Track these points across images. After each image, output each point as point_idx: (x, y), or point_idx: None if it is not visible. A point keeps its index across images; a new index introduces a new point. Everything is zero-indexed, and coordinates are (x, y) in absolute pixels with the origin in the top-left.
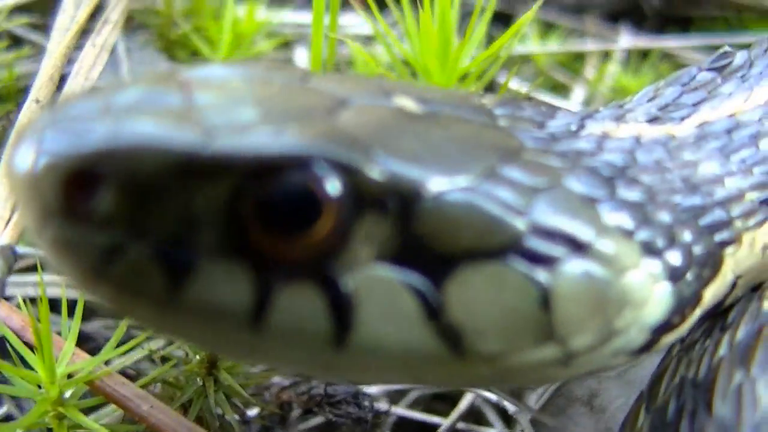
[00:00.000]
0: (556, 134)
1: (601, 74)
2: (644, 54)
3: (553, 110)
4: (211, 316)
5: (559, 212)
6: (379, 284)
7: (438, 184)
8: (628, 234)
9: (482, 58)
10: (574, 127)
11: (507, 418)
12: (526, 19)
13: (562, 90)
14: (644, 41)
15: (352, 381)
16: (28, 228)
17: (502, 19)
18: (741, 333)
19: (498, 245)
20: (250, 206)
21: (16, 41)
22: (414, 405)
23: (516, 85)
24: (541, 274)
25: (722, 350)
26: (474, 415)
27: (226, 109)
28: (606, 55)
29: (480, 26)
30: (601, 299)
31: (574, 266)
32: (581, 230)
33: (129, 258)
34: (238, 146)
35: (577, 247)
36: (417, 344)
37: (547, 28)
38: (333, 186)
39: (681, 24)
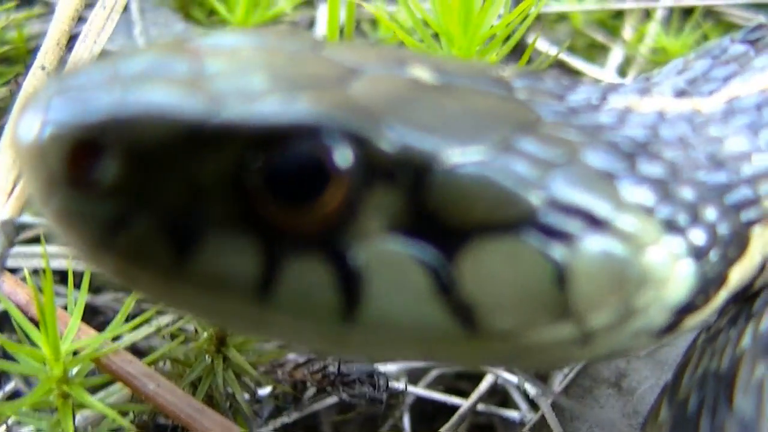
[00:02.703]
0: (576, 107)
1: (641, 34)
2: (687, 12)
3: (576, 83)
4: (217, 288)
5: (576, 187)
6: (389, 257)
7: (451, 155)
8: (649, 210)
9: (509, 20)
10: (595, 101)
11: (532, 400)
12: None
13: (599, 51)
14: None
15: (362, 357)
16: (33, 198)
17: None
18: (765, 323)
19: (512, 219)
20: (258, 176)
21: (26, 0)
22: (433, 385)
23: (546, 46)
24: (557, 250)
25: (745, 341)
26: (497, 396)
27: (235, 77)
28: (646, 14)
29: None
30: (620, 277)
31: (591, 242)
32: (599, 206)
33: (135, 228)
34: (247, 114)
35: (595, 222)
36: (428, 320)
37: None
38: (343, 156)
39: None
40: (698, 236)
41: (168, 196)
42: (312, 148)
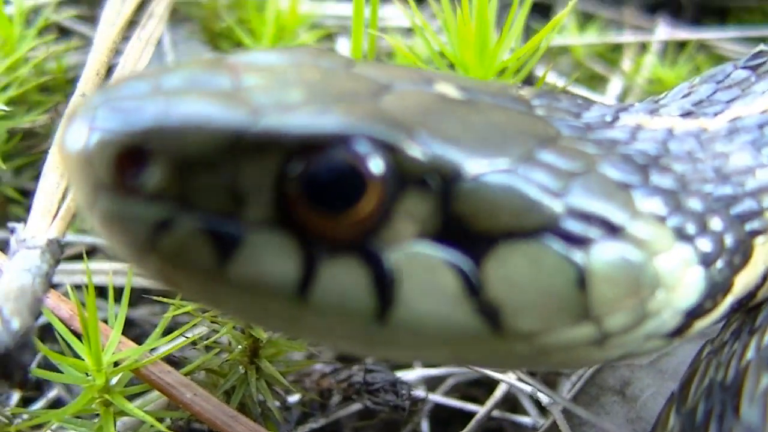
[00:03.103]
0: (591, 124)
1: (638, 66)
2: (681, 45)
3: (589, 103)
4: (257, 289)
5: (594, 196)
6: (420, 261)
7: (478, 165)
8: (661, 219)
9: (521, 53)
10: (609, 118)
11: (542, 407)
12: (565, 12)
13: (599, 81)
14: (681, 33)
15: (393, 357)
16: (80, 204)
17: (541, 10)
18: None
19: (536, 225)
20: (296, 183)
21: (64, 33)
22: (450, 392)
23: (553, 77)
24: (578, 255)
25: (750, 354)
26: (509, 403)
27: (273, 90)
28: (643, 47)
29: (518, 19)
30: (635, 281)
31: (609, 248)
32: (616, 214)
33: (178, 231)
34: (285, 124)
35: (612, 230)
36: (457, 320)
37: (585, 19)
38: (376, 164)
39: (718, 15)
40: (706, 244)
41: (210, 201)
42: (347, 156)
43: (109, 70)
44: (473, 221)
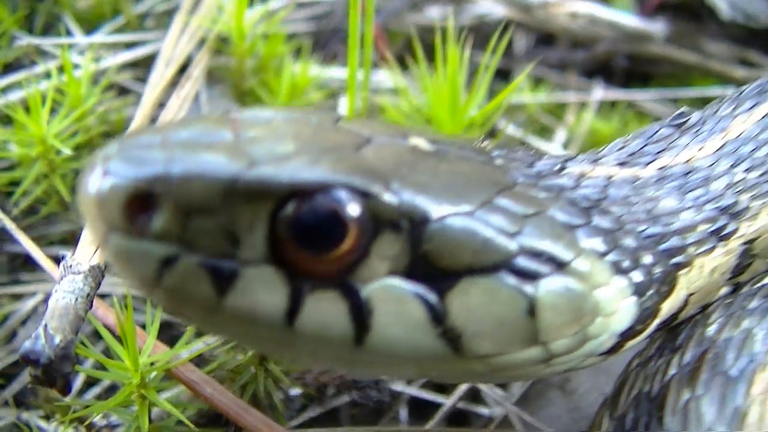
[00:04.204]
0: (542, 172)
1: (579, 120)
2: (613, 104)
3: (540, 154)
4: (250, 318)
5: (544, 236)
6: (392, 294)
7: (443, 210)
8: (601, 255)
9: (486, 110)
10: (557, 168)
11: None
12: (521, 78)
13: (548, 132)
14: (613, 94)
15: (371, 374)
16: (96, 240)
17: (502, 75)
18: (688, 355)
19: (493, 263)
20: (285, 225)
21: (123, 91)
22: (425, 386)
23: (512, 129)
24: (529, 288)
25: (672, 370)
26: (473, 396)
27: (267, 143)
28: (583, 105)
29: (484, 82)
30: (578, 310)
31: (556, 282)
32: (562, 252)
33: (181, 268)
34: (276, 174)
35: (559, 265)
36: (423, 344)
37: (537, 82)
38: (355, 210)
39: (643, 79)
40: (639, 277)
41: (210, 241)
42: (330, 202)
43: (153, 121)
44: (438, 259)
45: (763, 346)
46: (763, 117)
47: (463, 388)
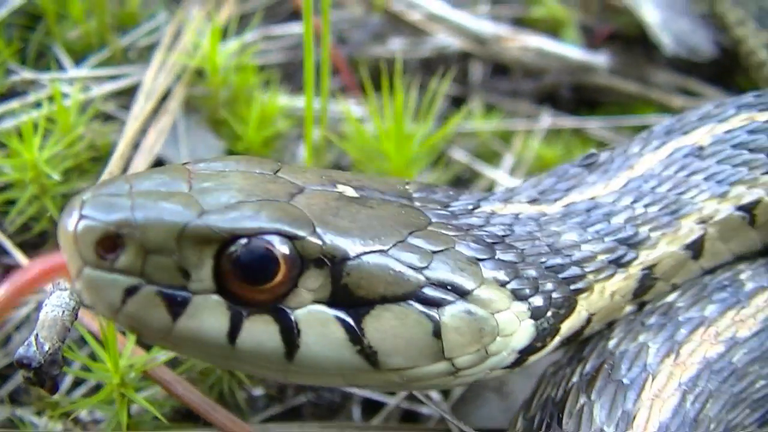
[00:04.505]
0: (455, 212)
1: (526, 145)
2: (559, 131)
3: (459, 193)
4: (198, 338)
5: (449, 269)
6: (316, 317)
7: (359, 249)
8: (503, 284)
9: (431, 141)
10: (471, 207)
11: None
12: (463, 112)
13: (496, 158)
14: (560, 121)
15: (305, 383)
16: (70, 272)
17: (458, 102)
18: (588, 365)
19: (403, 293)
20: (229, 263)
21: (109, 118)
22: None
23: (461, 155)
24: (434, 313)
25: (575, 378)
26: (416, 397)
27: (216, 194)
28: (531, 132)
29: (430, 113)
30: (480, 331)
31: (459, 307)
32: (466, 282)
33: (141, 296)
34: (221, 221)
35: (463, 293)
36: (344, 359)
37: (489, 108)
38: (285, 249)
39: (590, 107)
40: (538, 301)
41: (165, 275)
42: (264, 244)
43: (136, 147)
44: (356, 289)
45: (655, 357)
46: (668, 156)
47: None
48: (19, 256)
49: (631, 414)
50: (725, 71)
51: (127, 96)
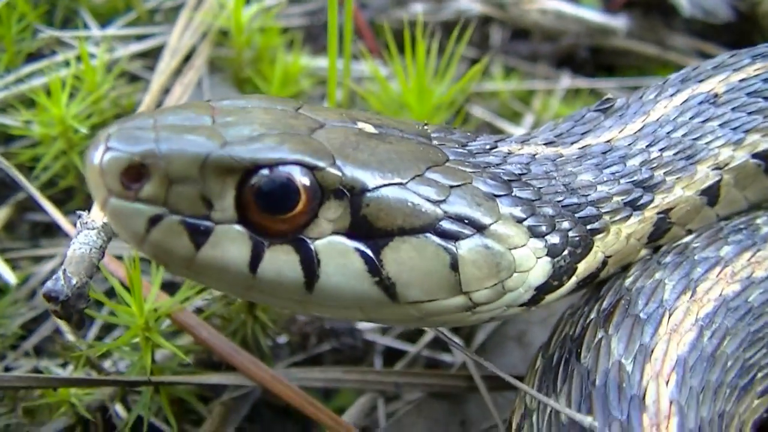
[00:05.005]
0: (473, 151)
1: (545, 106)
2: (577, 91)
3: (476, 134)
4: (220, 266)
5: (466, 203)
6: (336, 248)
7: (378, 181)
8: (520, 221)
9: (452, 91)
10: (488, 147)
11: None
12: (483, 62)
13: (517, 117)
14: (578, 82)
15: (323, 316)
16: (97, 202)
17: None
18: (605, 302)
19: (421, 225)
20: (250, 193)
21: (134, 78)
22: (396, 336)
23: (486, 114)
24: (452, 246)
25: (592, 315)
26: (438, 345)
27: (238, 127)
28: (550, 92)
29: (450, 68)
30: (497, 266)
31: (476, 241)
32: (483, 216)
33: (165, 225)
34: (243, 152)
35: (480, 227)
36: (363, 291)
37: (508, 71)
38: (306, 180)
39: (606, 69)
40: (555, 239)
41: (188, 205)
42: (285, 174)
43: (159, 106)
44: (375, 221)
45: (672, 294)
46: (683, 102)
47: (427, 338)
48: (50, 209)
49: (649, 347)
50: (742, 35)
51: (152, 57)
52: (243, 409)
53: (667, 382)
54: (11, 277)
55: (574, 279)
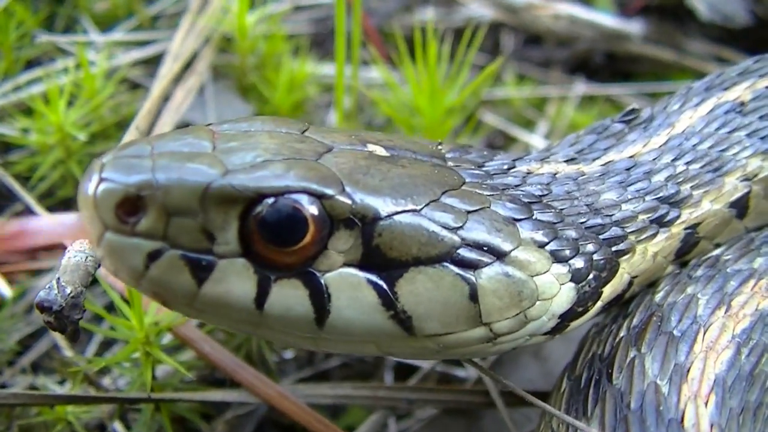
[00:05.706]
0: (490, 172)
1: (560, 113)
2: (592, 98)
3: (493, 154)
4: (225, 303)
5: (485, 229)
6: (348, 281)
7: (391, 208)
8: (542, 245)
9: (464, 95)
10: (506, 167)
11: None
12: (495, 65)
13: (531, 125)
14: (593, 89)
15: (335, 352)
16: (91, 237)
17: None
18: (636, 319)
19: (437, 254)
20: (254, 224)
21: (135, 85)
22: None
23: (498, 122)
24: (471, 275)
25: (622, 332)
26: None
27: (242, 153)
28: (564, 99)
29: (462, 72)
30: (518, 295)
31: (497, 269)
32: (503, 242)
33: (165, 260)
34: (247, 180)
35: (500, 255)
36: (377, 325)
37: (521, 78)
38: (314, 209)
39: (622, 76)
40: (579, 264)
41: (189, 238)
42: (292, 204)
43: (159, 112)
44: (388, 251)
45: (705, 309)
46: (708, 112)
47: None
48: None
49: (685, 367)
50: (760, 40)
51: (154, 64)
52: (248, 428)
53: (705, 404)
54: (7, 291)
55: (599, 303)
